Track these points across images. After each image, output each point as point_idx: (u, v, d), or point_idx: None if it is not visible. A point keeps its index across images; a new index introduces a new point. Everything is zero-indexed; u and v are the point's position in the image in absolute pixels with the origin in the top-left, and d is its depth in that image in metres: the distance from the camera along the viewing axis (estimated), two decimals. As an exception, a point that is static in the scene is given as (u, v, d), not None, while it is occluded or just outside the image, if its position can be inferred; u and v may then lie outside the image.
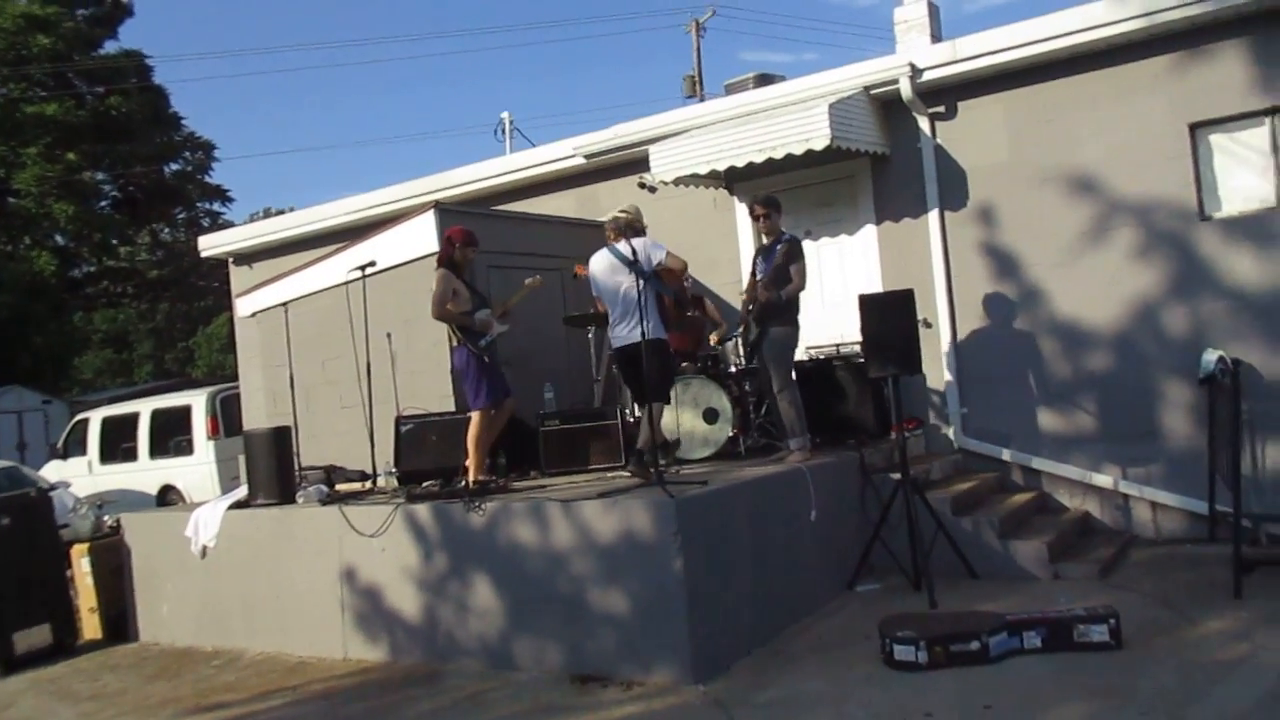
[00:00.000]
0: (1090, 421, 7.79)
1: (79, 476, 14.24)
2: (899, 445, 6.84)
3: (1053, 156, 7.85)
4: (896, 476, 6.86)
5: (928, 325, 8.32)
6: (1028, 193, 7.96)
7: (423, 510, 6.45)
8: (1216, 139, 7.43)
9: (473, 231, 7.19)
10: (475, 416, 6.98)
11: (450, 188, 10.38)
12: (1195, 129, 7.42)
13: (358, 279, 7.40)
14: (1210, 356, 7.10)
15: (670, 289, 6.90)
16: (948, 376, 8.32)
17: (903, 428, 7.05)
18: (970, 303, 8.25)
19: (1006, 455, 8.10)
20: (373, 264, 7.44)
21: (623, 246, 6.53)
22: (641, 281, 6.40)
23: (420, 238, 8.06)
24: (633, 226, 6.92)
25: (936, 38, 9.23)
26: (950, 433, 8.33)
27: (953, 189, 8.27)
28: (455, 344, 7.06)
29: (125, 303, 34.98)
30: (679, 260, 6.65)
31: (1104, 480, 7.70)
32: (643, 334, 6.35)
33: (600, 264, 6.79)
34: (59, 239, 28.22)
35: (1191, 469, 7.27)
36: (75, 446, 14.94)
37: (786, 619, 6.25)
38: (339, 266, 7.89)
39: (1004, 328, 8.12)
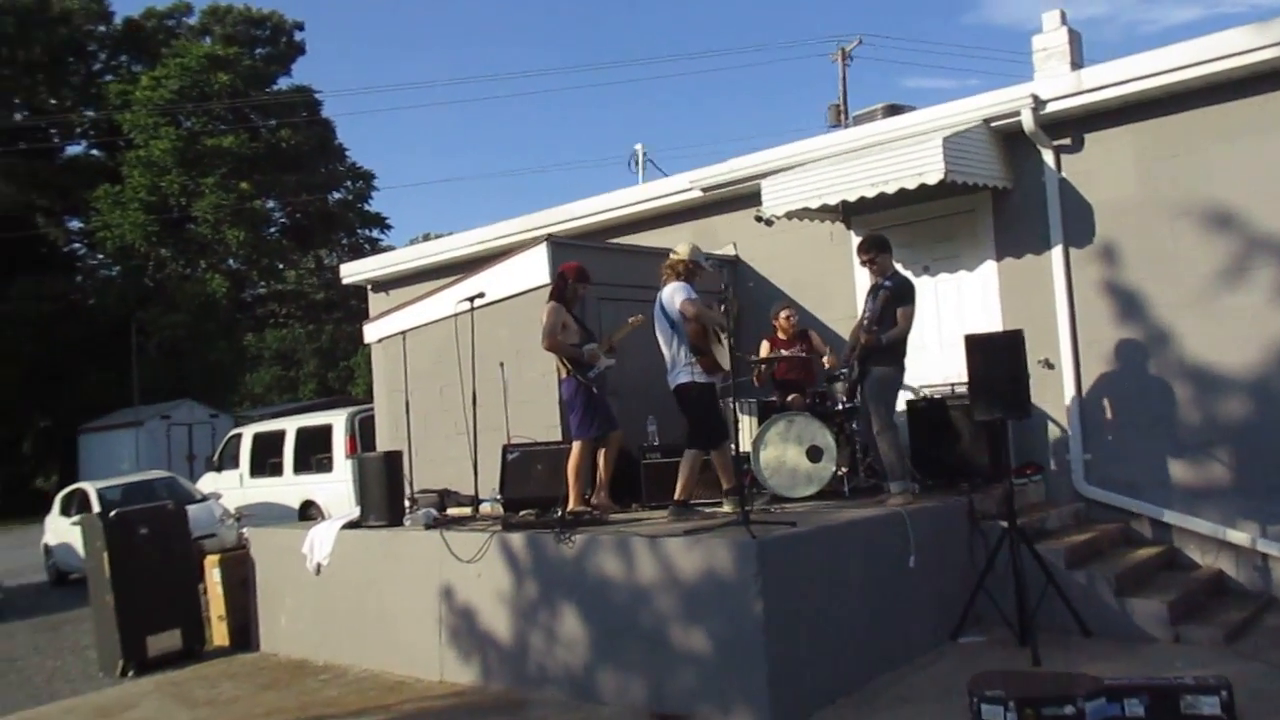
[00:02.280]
0: (1225, 473, 7.27)
1: (231, 489, 15.10)
2: (1006, 491, 6.56)
3: (1186, 191, 7.40)
4: (1005, 524, 6.58)
5: (1050, 366, 7.97)
6: (1158, 229, 7.52)
7: (517, 539, 6.57)
8: (1371, 172, 6.87)
9: (585, 268, 7.32)
10: (576, 447, 7.09)
11: (569, 220, 10.56)
12: (1347, 161, 6.89)
13: (466, 310, 7.63)
14: (1360, 408, 6.57)
15: (687, 335, 6.75)
16: (1071, 420, 7.91)
17: (1012, 472, 6.76)
18: (1095, 343, 7.84)
19: (1131, 505, 7.62)
20: (482, 295, 7.67)
21: (666, 290, 6.66)
22: (671, 326, 6.70)
23: (533, 270, 8.24)
24: (681, 267, 6.88)
25: (1077, 65, 8.85)
26: (1072, 479, 7.91)
27: (1078, 224, 7.89)
28: (564, 375, 7.21)
29: (292, 323, 37.03)
30: (691, 308, 6.63)
31: (1240, 537, 7.15)
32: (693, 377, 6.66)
33: (655, 306, 6.94)
34: (231, 263, 30.17)
35: (1338, 529, 6.72)
36: (229, 460, 15.82)
37: (880, 667, 6.06)
38: (452, 298, 8.14)
39: (1131, 370, 7.67)
